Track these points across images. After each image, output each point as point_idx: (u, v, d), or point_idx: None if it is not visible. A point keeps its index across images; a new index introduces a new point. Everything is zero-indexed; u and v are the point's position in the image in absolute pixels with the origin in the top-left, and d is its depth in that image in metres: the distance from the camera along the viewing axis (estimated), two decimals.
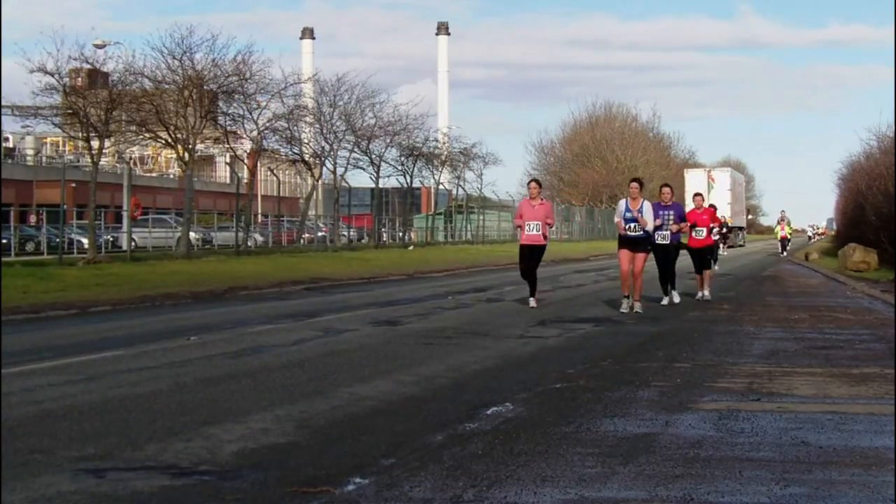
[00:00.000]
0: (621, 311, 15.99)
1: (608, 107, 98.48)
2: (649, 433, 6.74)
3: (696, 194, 20.75)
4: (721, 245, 45.25)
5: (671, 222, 17.92)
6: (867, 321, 15.05)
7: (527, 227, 16.98)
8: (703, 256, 19.68)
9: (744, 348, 11.51)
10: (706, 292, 19.33)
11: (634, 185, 16.53)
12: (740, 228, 71.07)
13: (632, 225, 16.14)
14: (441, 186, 61.90)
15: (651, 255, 17.48)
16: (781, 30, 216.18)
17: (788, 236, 51.59)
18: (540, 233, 16.96)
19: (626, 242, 16.35)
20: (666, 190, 18.42)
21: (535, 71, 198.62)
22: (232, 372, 9.57)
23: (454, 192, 64.23)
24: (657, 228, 17.31)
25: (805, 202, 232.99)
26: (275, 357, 10.66)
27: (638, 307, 16.16)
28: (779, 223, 52.39)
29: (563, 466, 5.80)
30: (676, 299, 18.21)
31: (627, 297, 16.24)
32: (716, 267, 27.97)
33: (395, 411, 7.51)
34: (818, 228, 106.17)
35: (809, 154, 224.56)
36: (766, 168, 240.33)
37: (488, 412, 7.49)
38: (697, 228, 19.51)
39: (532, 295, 17.44)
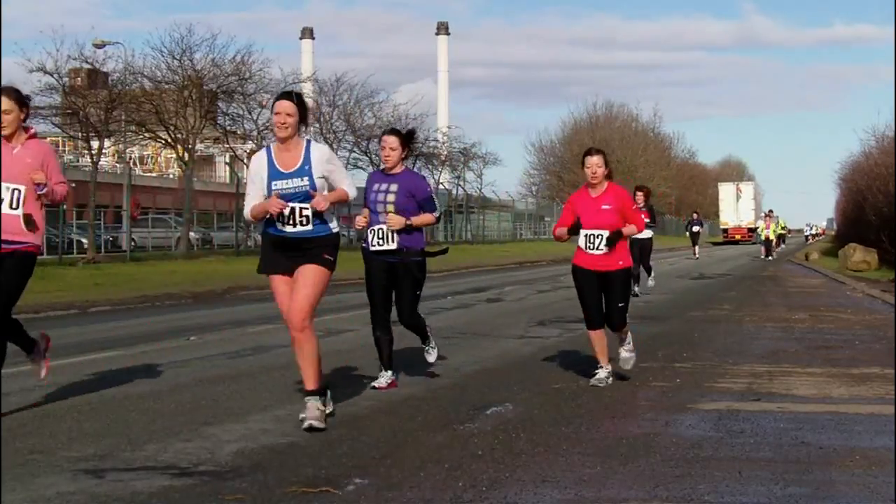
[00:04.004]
0: (304, 419, 6.86)
1: (608, 107, 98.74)
2: (649, 433, 6.74)
3: (591, 150, 8.83)
4: (696, 247, 43.41)
5: (389, 209, 8.58)
6: (867, 321, 15.05)
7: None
8: (612, 292, 8.76)
9: (744, 348, 11.51)
10: (624, 352, 9.03)
11: (284, 104, 6.97)
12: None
13: (297, 209, 7.00)
14: (441, 186, 61.89)
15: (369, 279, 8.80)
16: (785, 29, 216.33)
17: (772, 237, 45.12)
18: (20, 212, 7.19)
19: (280, 248, 7.13)
20: (390, 140, 8.66)
21: (537, 70, 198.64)
22: (232, 372, 9.58)
23: (454, 192, 64.25)
24: (373, 222, 8.68)
25: (805, 202, 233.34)
26: (275, 357, 10.66)
27: (313, 417, 6.79)
28: (764, 220, 47.13)
29: (563, 466, 5.80)
30: (432, 358, 9.19)
31: (312, 393, 6.99)
32: (650, 281, 20.92)
33: (395, 411, 7.51)
34: (816, 228, 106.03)
35: (810, 154, 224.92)
36: (767, 168, 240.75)
37: (488, 412, 7.49)
38: (589, 232, 8.66)
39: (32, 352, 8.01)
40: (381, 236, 8.65)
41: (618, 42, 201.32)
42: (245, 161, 45.08)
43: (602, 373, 8.81)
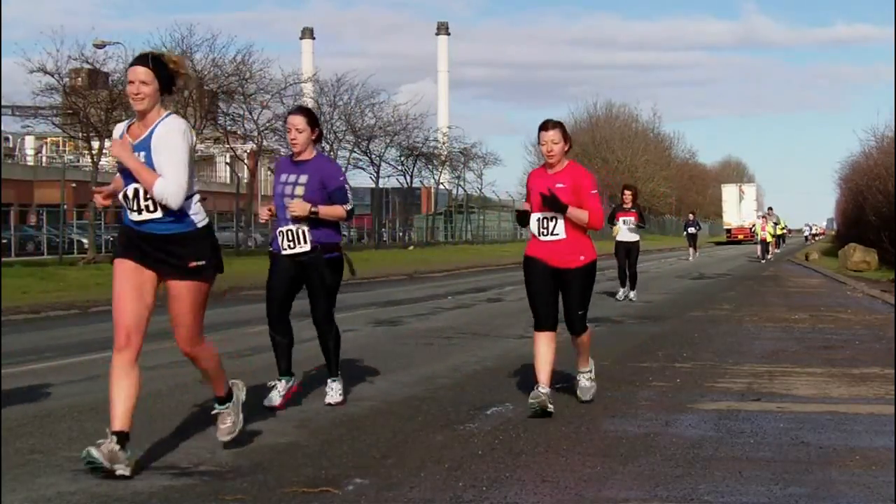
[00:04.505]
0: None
1: (609, 107, 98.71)
2: (649, 433, 6.74)
3: (548, 123, 7.40)
4: (691, 249, 43.27)
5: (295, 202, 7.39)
6: (867, 321, 15.05)
7: None
8: (569, 294, 7.52)
9: (744, 348, 11.51)
10: (583, 380, 7.91)
11: (137, 71, 5.62)
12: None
13: (140, 191, 5.65)
14: (441, 186, 61.87)
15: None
16: (786, 29, 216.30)
17: (769, 238, 42.59)
18: None
19: (137, 243, 5.77)
20: (295, 121, 7.47)
21: (537, 70, 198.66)
22: (232, 372, 9.54)
23: (454, 192, 64.25)
24: (279, 220, 7.53)
25: (805, 202, 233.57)
26: (274, 357, 10.64)
27: (224, 431, 6.19)
28: (760, 220, 45.21)
29: (563, 466, 5.80)
30: (334, 397, 7.76)
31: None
32: (632, 294, 18.87)
33: (395, 411, 7.51)
34: (816, 228, 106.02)
35: (810, 154, 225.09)
36: (767, 168, 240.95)
37: (488, 412, 7.49)
38: (542, 216, 7.36)
39: None
40: (291, 238, 7.49)
41: (618, 42, 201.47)
42: (245, 161, 45.15)
43: (542, 393, 7.18)
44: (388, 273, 29.86)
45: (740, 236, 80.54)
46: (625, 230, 19.18)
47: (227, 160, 59.09)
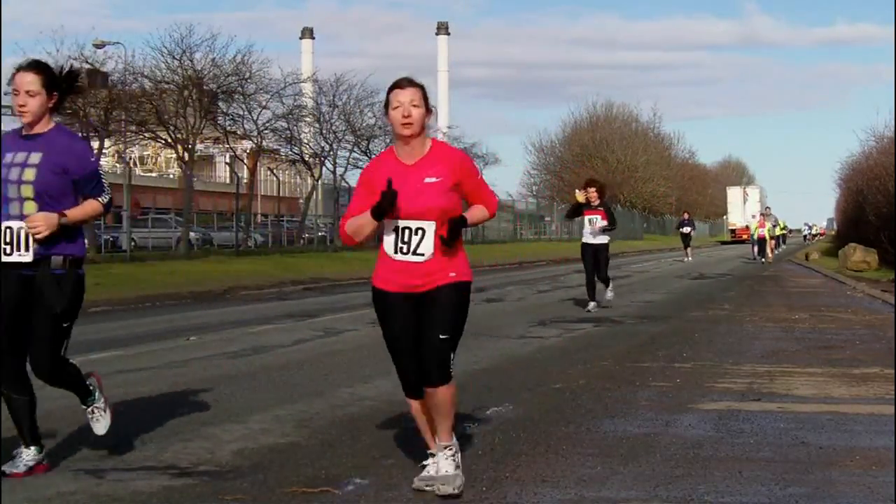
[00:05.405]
0: None
1: (608, 106, 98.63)
2: (649, 433, 6.74)
3: (402, 81, 5.20)
4: (686, 250, 42.93)
5: (26, 193, 5.48)
6: (867, 321, 15.04)
7: None
8: (433, 316, 5.24)
9: (744, 348, 11.51)
10: (445, 460, 5.25)
11: None
12: None
13: None
14: None
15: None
16: (787, 29, 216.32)
17: (767, 236, 40.01)
18: None
19: None
20: (25, 80, 5.73)
21: (537, 70, 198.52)
22: (232, 372, 9.57)
23: None
24: None
25: (805, 202, 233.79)
26: (275, 357, 10.66)
27: None
28: (758, 219, 43.29)
29: (563, 466, 5.80)
30: (101, 427, 6.01)
31: None
32: (608, 293, 17.02)
33: (395, 411, 7.50)
34: (816, 228, 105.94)
35: (810, 154, 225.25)
36: (767, 168, 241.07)
37: (488, 412, 7.48)
38: (403, 225, 5.18)
39: None
40: (10, 239, 5.44)
41: (619, 42, 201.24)
42: (245, 161, 45.15)
43: (430, 468, 5.35)
44: None
45: (744, 236, 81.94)
46: (592, 231, 16.72)
47: (227, 160, 59.17)
